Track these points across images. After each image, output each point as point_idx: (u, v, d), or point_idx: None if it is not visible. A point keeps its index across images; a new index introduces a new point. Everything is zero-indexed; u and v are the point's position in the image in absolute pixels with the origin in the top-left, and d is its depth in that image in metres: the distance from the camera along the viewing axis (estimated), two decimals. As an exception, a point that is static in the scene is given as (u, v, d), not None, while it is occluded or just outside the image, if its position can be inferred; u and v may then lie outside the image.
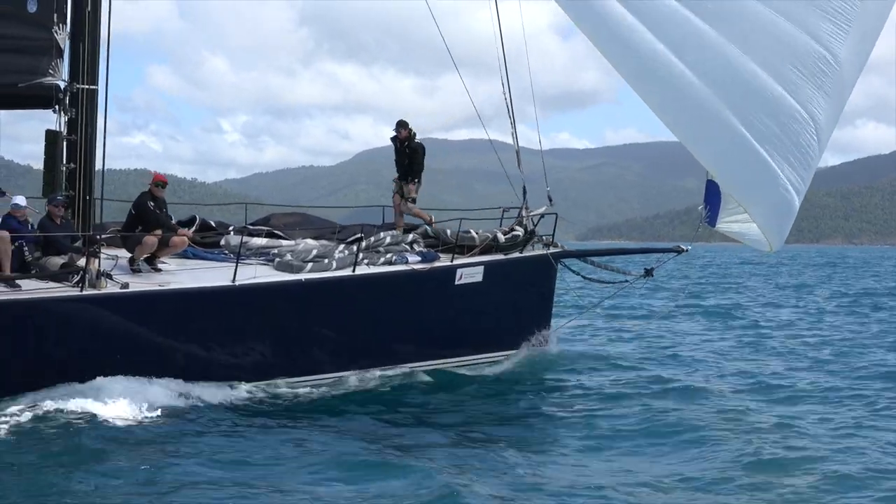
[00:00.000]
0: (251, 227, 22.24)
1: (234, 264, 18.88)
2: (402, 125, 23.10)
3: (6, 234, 17.09)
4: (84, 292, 17.14)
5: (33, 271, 17.52)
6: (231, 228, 22.25)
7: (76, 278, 17.36)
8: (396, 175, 23.53)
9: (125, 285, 17.68)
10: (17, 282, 16.96)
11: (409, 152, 23.10)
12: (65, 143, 19.10)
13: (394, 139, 23.19)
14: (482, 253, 22.75)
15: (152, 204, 19.07)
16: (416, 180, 23.20)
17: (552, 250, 23.94)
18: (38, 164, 19.70)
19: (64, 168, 19.04)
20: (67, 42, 19.04)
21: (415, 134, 23.13)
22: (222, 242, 21.06)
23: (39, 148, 19.10)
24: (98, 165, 19.41)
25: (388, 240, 21.84)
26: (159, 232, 18.90)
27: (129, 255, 19.00)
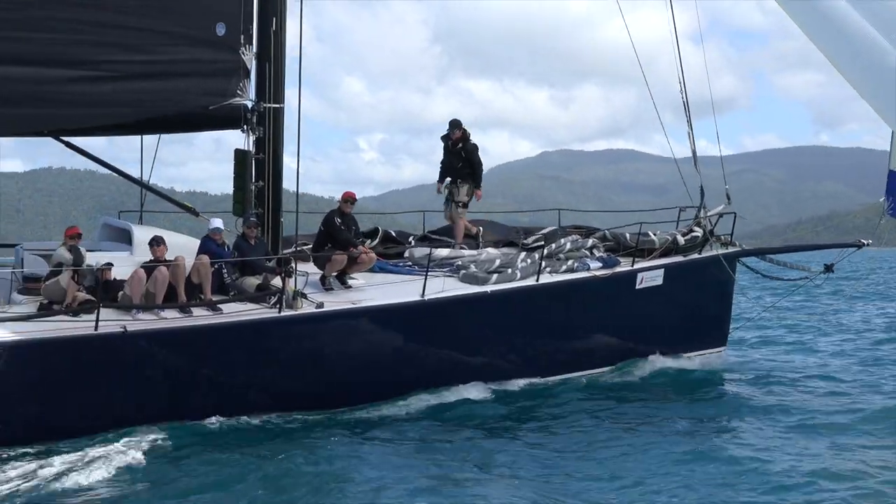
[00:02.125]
0: (431, 235, 22.07)
1: (420, 278, 18.77)
2: (456, 125, 21.70)
3: (206, 258, 17.13)
4: (282, 313, 17.11)
5: (232, 293, 17.57)
6: (412, 238, 22.13)
7: (273, 299, 17.32)
8: (439, 180, 22.06)
9: (320, 305, 17.62)
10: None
11: (465, 154, 21.67)
12: (253, 162, 19.06)
13: (445, 140, 21.83)
14: (660, 256, 22.22)
15: (339, 220, 18.98)
16: (475, 185, 21.85)
17: (731, 250, 23.28)
18: (180, 187, 19.79)
19: (253, 186, 19.01)
20: (254, 63, 18.99)
21: (469, 134, 21.92)
22: (406, 254, 20.91)
23: (181, 171, 19.14)
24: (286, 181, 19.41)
25: (568, 246, 21.46)
26: (356, 250, 18.77)
27: (319, 271, 18.92)
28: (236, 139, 19.05)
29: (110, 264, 16.60)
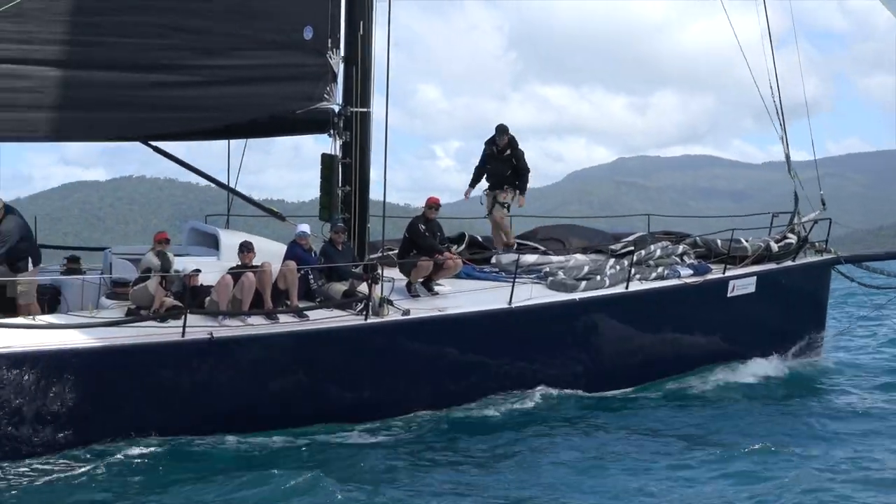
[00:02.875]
0: (518, 240, 21.67)
1: (507, 284, 18.46)
2: (503, 131, 20.74)
3: (293, 264, 16.90)
4: (368, 321, 16.83)
5: (318, 299, 17.33)
6: (498, 243, 21.74)
7: (360, 306, 17.04)
8: (471, 185, 21.24)
9: (406, 312, 17.33)
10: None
11: (515, 161, 20.73)
12: (340, 167, 18.80)
13: (490, 145, 20.81)
14: (753, 263, 21.62)
15: (423, 227, 18.64)
16: (521, 191, 21.02)
17: (826, 257, 22.61)
18: (258, 194, 19.61)
19: (339, 191, 18.76)
20: (341, 66, 18.73)
21: (516, 140, 20.96)
22: (493, 260, 20.53)
23: (259, 179, 18.96)
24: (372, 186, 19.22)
25: (658, 252, 20.95)
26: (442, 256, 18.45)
27: (405, 277, 18.61)
28: (314, 147, 18.91)
29: (198, 270, 16.43)
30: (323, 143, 19.19)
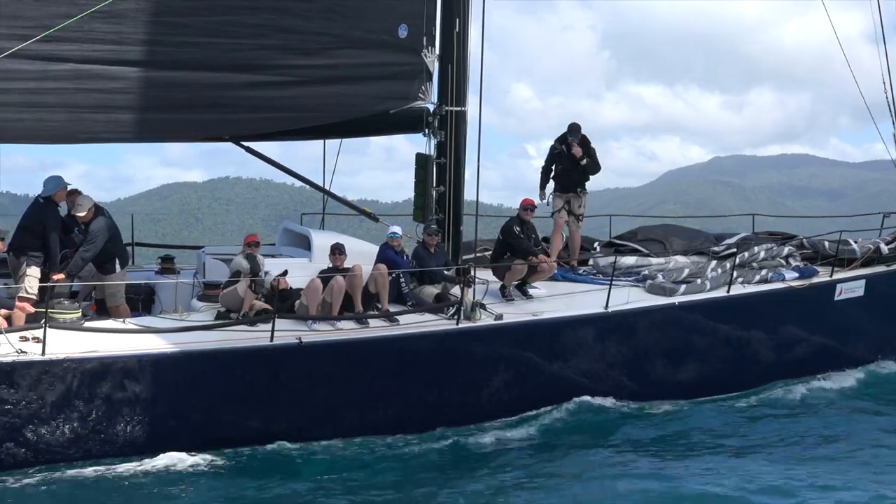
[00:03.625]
0: (617, 241, 20.99)
1: (605, 287, 17.88)
2: (577, 129, 19.60)
3: (384, 267, 16.48)
4: (460, 325, 16.34)
5: (409, 303, 16.89)
6: (596, 244, 21.09)
7: (451, 310, 16.56)
8: (542, 186, 20.01)
9: (499, 316, 16.81)
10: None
11: (588, 161, 19.68)
12: (435, 167, 18.32)
13: (561, 144, 19.65)
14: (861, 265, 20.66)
15: (518, 229, 18.06)
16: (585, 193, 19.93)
17: (940, 259, 21.53)
18: (353, 195, 19.19)
19: (434, 192, 18.28)
20: (436, 65, 18.24)
21: (588, 138, 19.75)
22: (591, 262, 19.89)
23: (354, 180, 18.54)
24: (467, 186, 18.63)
25: (762, 254, 20.12)
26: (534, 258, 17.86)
27: (499, 280, 18.09)
28: (409, 148, 18.47)
29: (285, 272, 16.08)
30: (416, 144, 18.79)
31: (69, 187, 16.39)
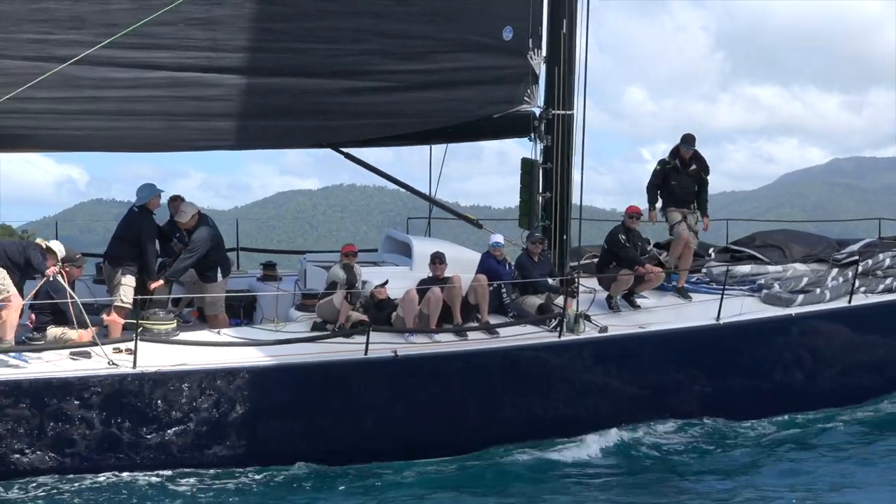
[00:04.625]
0: (733, 247, 19.90)
1: (717, 297, 16.86)
2: (691, 140, 17.92)
3: (484, 278, 15.78)
4: (562, 338, 15.54)
5: (511, 314, 16.12)
6: (711, 250, 20.01)
7: (554, 322, 15.77)
8: (651, 206, 18.19)
9: (604, 329, 15.96)
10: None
11: (702, 175, 18.15)
12: (541, 172, 17.53)
13: (673, 158, 18.03)
14: None
15: (624, 237, 17.14)
16: (703, 211, 18.28)
17: None
18: (465, 201, 18.42)
19: (540, 197, 17.49)
20: (543, 67, 17.43)
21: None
22: (703, 270, 18.83)
23: (466, 185, 17.80)
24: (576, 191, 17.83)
25: (888, 262, 18.86)
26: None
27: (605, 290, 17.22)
28: (521, 152, 17.68)
29: (384, 283, 15.49)
30: (528, 148, 18.00)
31: (174, 194, 16.14)
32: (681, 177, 18.08)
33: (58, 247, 14.33)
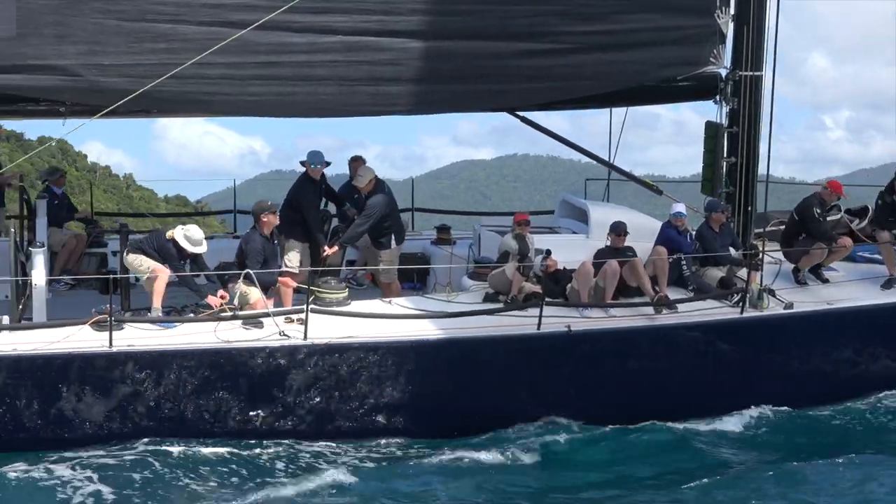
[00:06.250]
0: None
1: None
2: None
3: (663, 250, 14.82)
4: (744, 314, 14.50)
5: (690, 287, 15.13)
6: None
7: (736, 297, 14.73)
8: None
9: (789, 305, 14.85)
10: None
11: None
12: (726, 136, 16.37)
13: (891, 195, 16.51)
14: None
15: (818, 210, 15.85)
16: None
17: None
18: (640, 171, 17.39)
19: (724, 163, 16.35)
20: (731, 26, 16.20)
21: None
22: (900, 239, 17.38)
23: (644, 155, 16.68)
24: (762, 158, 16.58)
25: None
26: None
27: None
28: (699, 121, 16.57)
29: (548, 253, 14.65)
30: (707, 116, 16.89)
31: (354, 155, 16.01)
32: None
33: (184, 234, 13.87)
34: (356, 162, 16.49)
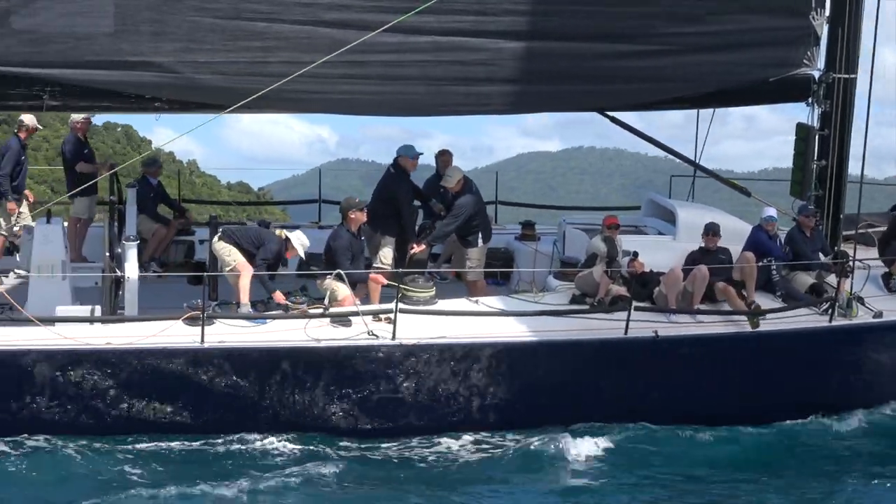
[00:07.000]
0: None
1: None
2: None
3: (752, 256, 14.57)
4: (833, 323, 14.21)
5: (778, 292, 14.85)
6: None
7: (825, 305, 14.44)
8: None
9: (878, 314, 14.55)
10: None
11: None
12: (816, 139, 16.03)
13: None
14: None
15: (906, 211, 15.48)
16: None
17: None
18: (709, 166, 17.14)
19: (815, 166, 16.01)
20: (825, 28, 15.82)
21: None
22: None
23: (713, 150, 16.37)
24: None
25: None
26: None
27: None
28: (769, 117, 16.35)
29: (635, 255, 14.47)
30: (778, 112, 16.53)
31: (442, 149, 15.92)
32: None
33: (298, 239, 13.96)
34: (444, 156, 16.36)
